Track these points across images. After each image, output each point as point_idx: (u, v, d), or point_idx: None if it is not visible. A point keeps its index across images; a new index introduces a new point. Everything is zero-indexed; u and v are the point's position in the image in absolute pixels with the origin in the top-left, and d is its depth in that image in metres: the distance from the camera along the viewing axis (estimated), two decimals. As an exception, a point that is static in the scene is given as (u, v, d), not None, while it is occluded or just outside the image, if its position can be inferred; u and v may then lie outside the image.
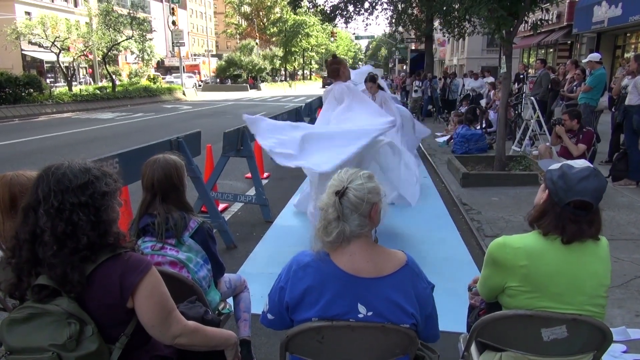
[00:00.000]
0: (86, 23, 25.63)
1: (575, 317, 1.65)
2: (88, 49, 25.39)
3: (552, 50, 23.54)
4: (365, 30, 37.41)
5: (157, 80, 30.78)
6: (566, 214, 1.65)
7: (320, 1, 20.17)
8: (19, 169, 2.11)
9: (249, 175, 6.88)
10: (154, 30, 28.26)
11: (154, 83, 29.09)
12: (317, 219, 1.62)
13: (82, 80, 36.88)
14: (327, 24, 22.07)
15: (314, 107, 10.91)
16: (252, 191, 6.17)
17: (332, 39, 62.18)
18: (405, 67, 38.65)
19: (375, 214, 1.57)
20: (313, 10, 20.68)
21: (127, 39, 24.99)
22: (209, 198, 4.66)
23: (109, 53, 25.17)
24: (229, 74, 47.73)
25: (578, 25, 18.46)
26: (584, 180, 1.62)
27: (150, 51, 27.51)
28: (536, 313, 1.67)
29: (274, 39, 58.91)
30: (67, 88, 23.54)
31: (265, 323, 1.71)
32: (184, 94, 30.53)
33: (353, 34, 53.26)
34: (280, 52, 55.97)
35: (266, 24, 59.06)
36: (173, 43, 34.93)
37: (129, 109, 21.89)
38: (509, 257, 1.72)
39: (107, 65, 25.85)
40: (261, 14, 59.29)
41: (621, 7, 14.76)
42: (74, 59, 26.52)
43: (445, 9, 13.91)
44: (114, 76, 26.10)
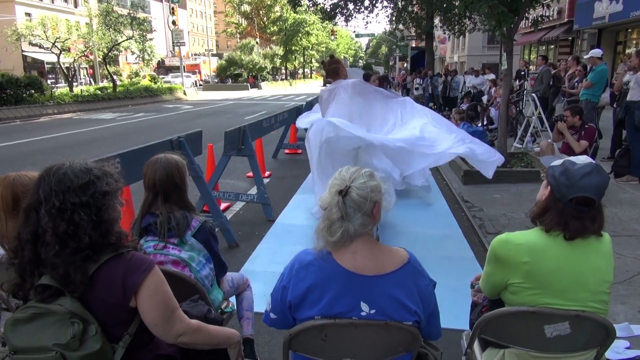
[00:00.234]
0: (86, 24, 25.63)
1: (579, 314, 1.65)
2: (88, 50, 25.41)
3: (553, 46, 23.50)
4: (366, 28, 37.42)
5: (158, 80, 30.75)
6: (569, 210, 1.65)
7: (320, -1, 20.17)
8: (20, 169, 2.12)
9: (251, 174, 6.88)
10: (154, 30, 28.27)
11: (155, 83, 29.08)
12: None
13: (82, 81, 36.92)
14: (327, 22, 22.05)
15: (315, 106, 10.91)
16: (254, 190, 6.16)
17: (333, 38, 62.13)
18: (405, 65, 38.60)
19: (377, 212, 1.57)
20: (313, 8, 20.65)
21: (128, 39, 24.98)
22: (211, 197, 4.67)
23: (110, 53, 25.17)
24: (230, 74, 47.69)
25: (579, 21, 18.43)
26: (587, 176, 1.61)
27: (151, 51, 27.52)
28: (539, 310, 1.67)
29: (274, 37, 58.85)
30: (68, 89, 23.55)
31: (267, 322, 1.71)
32: (184, 94, 30.53)
33: (353, 32, 53.28)
34: (280, 51, 55.92)
35: (266, 23, 59.01)
36: (173, 43, 34.96)
37: (130, 109, 21.90)
38: (512, 254, 1.72)
39: (108, 66, 25.87)
40: (261, 12, 59.23)
41: (622, 3, 14.72)
42: (75, 59, 26.53)
43: (445, 6, 13.91)
44: (115, 76, 26.12)
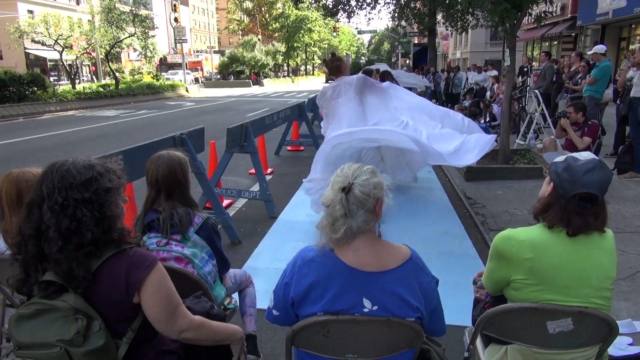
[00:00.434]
0: (88, 21, 25.62)
1: (581, 310, 1.65)
2: (91, 47, 25.43)
3: (556, 42, 23.40)
4: (368, 24, 37.10)
5: (160, 77, 30.72)
6: (571, 206, 1.64)
7: (321, -4, 20.08)
8: (23, 166, 2.12)
9: (253, 171, 6.88)
10: (156, 27, 28.31)
11: (157, 80, 29.07)
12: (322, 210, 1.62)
13: (84, 78, 36.95)
14: (330, 18, 21.98)
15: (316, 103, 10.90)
16: (256, 187, 6.17)
17: (335, 34, 61.89)
18: (408, 62, 38.48)
19: (379, 209, 1.57)
20: (315, 5, 20.58)
21: (130, 36, 24.99)
22: (213, 194, 4.67)
23: (112, 50, 25.18)
24: (232, 70, 47.64)
25: (582, 17, 18.34)
26: (590, 172, 1.61)
27: (153, 48, 27.52)
28: (541, 306, 1.67)
29: (276, 34, 58.71)
30: (71, 86, 23.59)
31: (270, 319, 1.72)
32: (187, 91, 30.53)
33: (355, 28, 53.07)
34: (282, 48, 55.80)
35: (268, 20, 58.87)
36: (175, 40, 34.96)
37: (132, 106, 21.91)
38: (514, 250, 1.72)
39: (110, 63, 25.88)
40: (263, 9, 59.09)
41: (626, -1, 14.64)
42: (77, 56, 26.56)
43: (448, 2, 13.84)
44: (117, 73, 26.13)
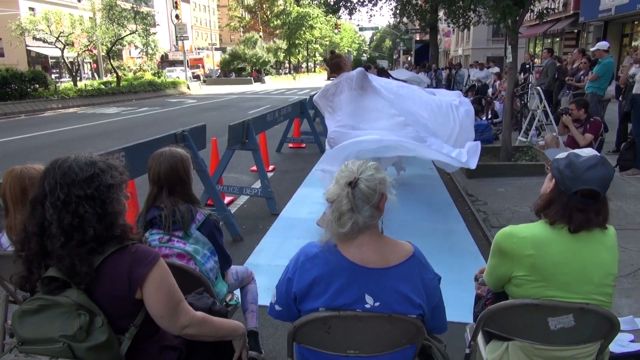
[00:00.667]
0: (90, 18, 25.64)
1: (583, 306, 1.65)
2: (92, 44, 25.42)
3: (559, 39, 23.32)
4: (369, 21, 37.18)
5: (161, 75, 30.70)
6: (573, 203, 1.64)
7: (323, -7, 20.04)
8: (25, 164, 2.12)
9: (255, 168, 6.89)
10: (158, 25, 28.27)
11: (158, 77, 29.06)
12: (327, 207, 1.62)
13: (85, 75, 36.96)
14: (331, 15, 21.94)
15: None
16: (258, 184, 6.17)
17: (336, 31, 61.77)
18: (409, 59, 38.40)
19: (383, 205, 1.58)
20: (316, 2, 20.56)
21: (131, 34, 24.97)
22: (215, 191, 4.68)
23: (113, 48, 25.17)
24: (233, 68, 47.60)
25: (585, 14, 18.26)
26: (591, 168, 1.61)
27: (154, 45, 27.51)
28: (543, 302, 1.67)
29: (278, 31, 58.62)
30: (72, 83, 23.60)
31: (273, 314, 1.72)
32: (188, 88, 30.53)
33: (357, 25, 52.88)
34: (284, 45, 55.72)
35: (269, 17, 58.75)
36: (177, 37, 34.92)
37: (134, 103, 21.92)
38: (516, 247, 1.72)
39: (112, 60, 25.87)
40: (264, 6, 58.96)
41: (629, -5, 14.58)
42: (79, 54, 26.56)
43: (449, -2, 13.82)
44: (119, 71, 26.13)
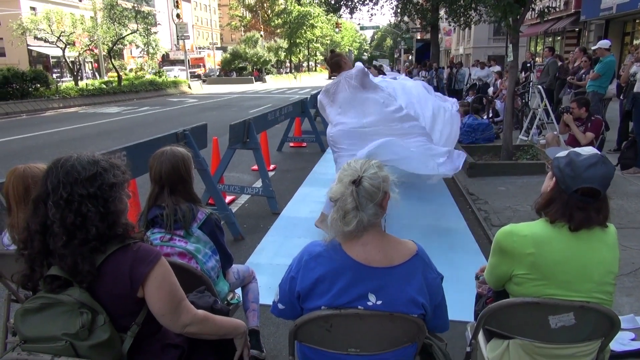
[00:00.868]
0: (91, 17, 25.66)
1: (583, 305, 1.65)
2: (93, 44, 25.45)
3: (560, 38, 23.29)
4: (370, 20, 37.14)
5: (162, 74, 30.71)
6: (573, 201, 1.65)
7: (324, -9, 20.00)
8: (28, 163, 2.13)
9: (256, 167, 6.90)
10: (159, 24, 28.24)
11: (159, 77, 29.08)
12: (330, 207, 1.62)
13: (86, 75, 36.97)
14: (332, 14, 21.91)
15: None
16: (259, 183, 6.18)
17: (337, 30, 61.77)
18: (410, 58, 38.34)
19: (386, 203, 1.58)
20: (317, 1, 20.53)
21: (132, 33, 24.99)
22: (216, 190, 4.68)
23: (114, 47, 25.19)
24: (234, 67, 47.60)
25: (586, 12, 18.24)
26: (592, 167, 1.61)
27: (155, 45, 27.51)
28: (543, 300, 1.68)
29: (279, 30, 58.61)
30: (74, 83, 23.63)
31: (275, 313, 1.73)
32: (189, 87, 30.54)
33: (358, 24, 52.93)
34: (285, 44, 55.71)
35: (270, 16, 58.76)
36: (178, 36, 34.90)
37: (135, 103, 21.93)
38: (516, 245, 1.72)
39: (113, 60, 25.89)
40: (265, 5, 58.98)
41: (630, -7, 14.55)
42: (80, 53, 26.58)
43: (450, -3, 13.80)
44: (120, 70, 26.14)
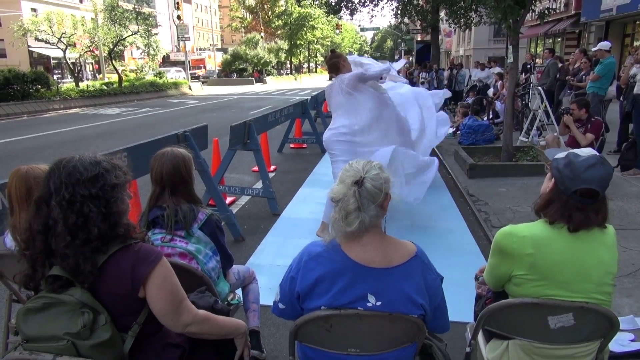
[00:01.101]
0: (92, 19, 25.69)
1: (582, 305, 1.66)
2: (94, 45, 25.48)
3: (560, 39, 23.30)
4: (371, 22, 37.14)
5: (163, 75, 30.75)
6: (572, 202, 1.65)
7: (324, -7, 20.03)
8: (30, 164, 2.14)
9: (256, 168, 6.91)
10: (159, 25, 28.27)
11: (160, 78, 29.10)
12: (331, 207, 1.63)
13: (86, 76, 36.97)
14: (332, 16, 21.95)
15: (320, 100, 10.92)
16: (259, 184, 6.19)
17: (338, 32, 61.79)
18: (411, 59, 38.37)
19: (387, 204, 1.59)
20: (318, 2, 20.57)
21: (133, 34, 25.02)
22: (217, 191, 4.69)
23: (115, 48, 25.22)
24: (235, 68, 47.64)
25: (586, 14, 18.26)
26: (590, 168, 1.62)
27: (156, 46, 27.53)
28: (543, 301, 1.68)
29: (279, 32, 58.66)
30: (74, 84, 23.65)
31: (276, 312, 1.74)
32: (189, 89, 30.56)
33: (358, 25, 53.00)
34: (285, 45, 55.75)
35: (271, 17, 58.81)
36: (178, 37, 34.95)
37: (135, 104, 21.95)
38: (516, 246, 1.73)
39: (114, 61, 25.92)
40: (266, 7, 59.03)
41: (630, -5, 14.57)
42: (81, 54, 26.60)
43: (451, -1, 13.82)
44: (121, 68, 26.16)
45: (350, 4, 19.23)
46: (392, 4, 20.69)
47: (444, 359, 1.77)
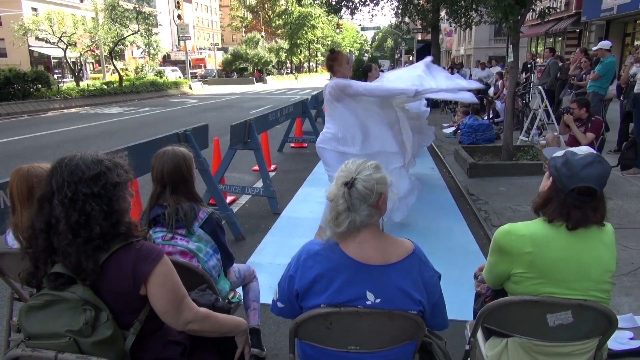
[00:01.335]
0: (92, 18, 25.71)
1: (581, 303, 1.66)
2: (94, 44, 25.49)
3: (561, 38, 23.29)
4: (371, 21, 37.08)
5: (163, 75, 30.75)
6: (570, 200, 1.66)
7: (325, -8, 20.01)
8: (30, 163, 2.15)
9: (257, 167, 6.92)
10: (160, 25, 28.26)
11: (160, 77, 29.11)
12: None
13: (86, 76, 36.95)
14: (333, 15, 21.93)
15: (320, 100, 10.93)
16: (260, 183, 6.21)
17: (338, 31, 61.79)
18: (411, 58, 38.33)
19: (382, 204, 1.60)
20: (318, 1, 20.54)
21: (133, 34, 25.03)
22: (217, 190, 4.70)
23: (115, 48, 25.23)
24: (235, 68, 47.63)
25: (587, 13, 18.25)
26: (588, 166, 1.63)
27: (157, 45, 27.54)
28: (542, 299, 1.69)
29: (280, 31, 58.64)
30: (75, 83, 23.67)
31: (275, 311, 1.74)
32: (190, 88, 30.57)
33: (359, 25, 52.91)
34: (286, 45, 55.75)
35: (271, 17, 58.79)
36: (179, 37, 34.93)
37: (136, 103, 21.96)
38: (515, 245, 1.74)
39: (114, 60, 25.93)
40: (266, 6, 59.02)
41: (631, -6, 14.56)
42: (81, 54, 26.61)
43: (451, -2, 13.81)
44: (122, 66, 26.17)
45: (350, 4, 19.18)
46: (393, 4, 20.63)
47: (444, 356, 1.78)
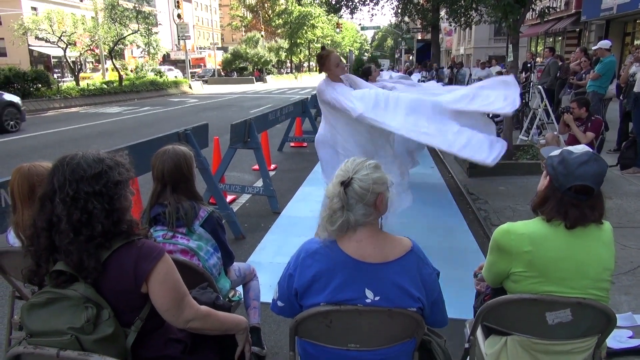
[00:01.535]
0: (92, 17, 25.69)
1: (580, 301, 1.68)
2: (94, 44, 25.48)
3: (561, 38, 23.30)
4: (371, 20, 37.10)
5: (163, 74, 30.74)
6: (568, 199, 1.67)
7: (325, -9, 20.00)
8: (31, 162, 2.16)
9: (257, 167, 6.93)
10: (160, 24, 28.25)
11: (160, 77, 29.10)
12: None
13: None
14: (333, 15, 21.93)
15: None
16: (260, 183, 6.21)
17: (338, 30, 61.81)
18: (411, 58, 38.35)
19: (380, 204, 1.60)
20: (318, 1, 20.54)
21: (133, 33, 25.02)
22: (217, 190, 4.71)
23: (115, 47, 25.22)
24: (235, 67, 47.63)
25: (586, 13, 18.26)
26: (584, 164, 1.64)
27: (156, 45, 27.54)
28: (541, 297, 1.70)
29: (280, 30, 58.64)
30: (75, 83, 23.66)
31: (275, 310, 1.75)
32: (190, 88, 30.55)
33: (359, 24, 52.91)
34: (285, 44, 55.76)
35: (271, 16, 58.79)
36: (179, 36, 34.89)
37: (136, 102, 21.94)
38: (514, 244, 1.75)
39: (114, 60, 25.93)
40: (266, 5, 59.03)
41: (630, -6, 14.57)
42: (81, 53, 26.60)
43: (451, -3, 13.82)
44: (120, 70, 26.17)
45: (350, 3, 19.19)
46: (393, 3, 20.65)
47: (443, 354, 1.79)
